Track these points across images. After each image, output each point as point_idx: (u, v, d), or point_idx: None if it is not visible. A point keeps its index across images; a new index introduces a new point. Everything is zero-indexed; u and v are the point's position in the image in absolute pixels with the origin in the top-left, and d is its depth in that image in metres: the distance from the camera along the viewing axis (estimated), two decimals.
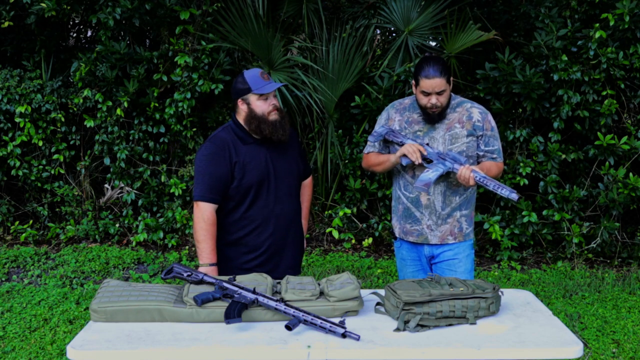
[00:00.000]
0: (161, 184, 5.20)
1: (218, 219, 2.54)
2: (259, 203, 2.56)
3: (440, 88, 2.56)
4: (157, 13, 4.86)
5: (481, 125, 2.66)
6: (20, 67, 5.25)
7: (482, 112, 2.70)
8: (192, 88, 4.90)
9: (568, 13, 4.89)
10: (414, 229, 2.74)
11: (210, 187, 2.50)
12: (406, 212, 2.75)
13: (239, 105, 2.56)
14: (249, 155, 2.55)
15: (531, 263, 5.07)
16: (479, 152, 2.69)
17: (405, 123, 2.72)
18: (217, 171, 2.51)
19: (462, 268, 2.72)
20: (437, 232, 2.70)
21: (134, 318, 2.04)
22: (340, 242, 5.34)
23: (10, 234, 5.36)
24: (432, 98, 2.58)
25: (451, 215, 2.69)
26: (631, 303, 4.33)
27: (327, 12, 5.27)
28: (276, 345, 1.88)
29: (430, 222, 2.70)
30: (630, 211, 5.16)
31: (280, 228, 2.62)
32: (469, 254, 2.76)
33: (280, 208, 2.61)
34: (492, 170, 2.67)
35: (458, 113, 2.68)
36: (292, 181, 2.70)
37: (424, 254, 2.77)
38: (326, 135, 5.16)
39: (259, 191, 2.56)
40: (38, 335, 3.78)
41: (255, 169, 2.54)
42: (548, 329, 2.05)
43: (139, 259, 4.94)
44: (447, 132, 2.65)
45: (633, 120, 5.00)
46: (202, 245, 2.50)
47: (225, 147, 2.53)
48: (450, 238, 2.71)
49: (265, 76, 2.54)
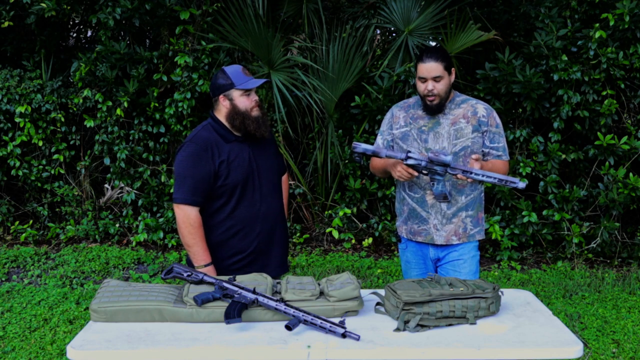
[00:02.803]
0: (161, 184, 5.20)
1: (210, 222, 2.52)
2: (246, 202, 2.53)
3: (436, 73, 2.56)
4: (157, 13, 4.86)
5: (486, 121, 2.65)
6: (20, 67, 5.26)
7: (487, 108, 2.70)
8: (192, 88, 4.90)
9: (568, 13, 4.89)
10: (422, 228, 2.73)
11: (193, 190, 2.45)
12: (412, 213, 2.75)
13: (220, 101, 2.52)
14: (232, 153, 2.50)
15: (531, 263, 5.07)
16: (483, 149, 2.67)
17: (410, 119, 2.72)
18: (199, 172, 2.44)
19: (466, 269, 2.71)
20: (443, 231, 2.69)
21: (134, 318, 2.04)
22: (340, 242, 5.34)
23: (10, 234, 5.36)
24: (428, 84, 2.58)
25: (456, 215, 2.68)
26: (631, 303, 4.33)
27: (327, 12, 5.27)
28: (276, 345, 1.88)
29: (436, 222, 2.69)
30: (630, 211, 5.16)
31: (267, 227, 2.59)
32: (474, 255, 2.74)
33: (266, 206, 2.58)
34: (498, 166, 2.65)
35: (463, 109, 2.67)
36: (275, 178, 2.67)
37: (429, 256, 2.77)
38: (326, 135, 5.16)
39: (245, 189, 2.52)
40: (38, 335, 3.78)
41: (240, 167, 2.51)
42: (548, 329, 2.05)
43: (139, 259, 4.94)
44: (452, 126, 2.64)
45: (633, 120, 5.00)
46: (194, 248, 2.47)
47: (208, 146, 2.47)
48: (455, 238, 2.70)
49: (246, 72, 2.52)
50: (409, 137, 2.70)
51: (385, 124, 2.82)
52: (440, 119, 2.67)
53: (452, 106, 2.68)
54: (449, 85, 2.64)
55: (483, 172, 2.39)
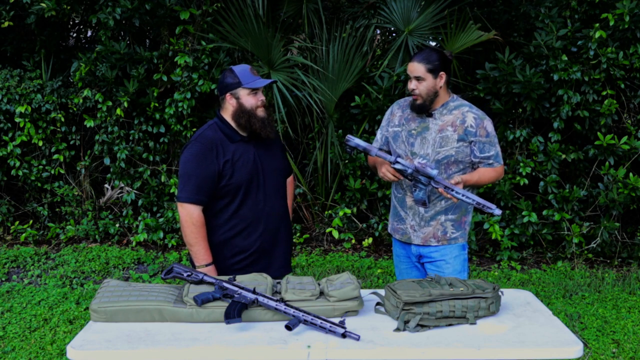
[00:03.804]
0: (161, 184, 5.20)
1: (205, 220, 2.51)
2: (249, 202, 2.53)
3: (417, 73, 2.58)
4: (157, 13, 4.86)
5: (474, 131, 2.60)
6: (20, 67, 5.25)
7: (477, 117, 2.62)
8: (192, 88, 4.90)
9: (568, 13, 4.89)
10: (400, 227, 2.80)
11: (197, 189, 2.45)
12: (394, 211, 2.83)
13: (227, 100, 2.52)
14: (237, 153, 2.51)
15: (531, 263, 5.07)
16: (474, 159, 2.65)
17: (404, 120, 2.74)
18: (204, 172, 2.45)
19: (450, 269, 2.70)
20: (420, 233, 2.72)
21: (134, 318, 2.04)
22: (340, 242, 5.34)
23: (10, 234, 5.36)
24: (411, 82, 2.62)
25: (434, 218, 2.68)
26: (631, 303, 4.33)
27: (327, 12, 5.27)
28: (276, 345, 1.88)
29: (413, 223, 2.72)
30: (630, 211, 5.16)
31: (271, 227, 2.59)
32: (458, 255, 2.73)
33: (270, 206, 2.58)
34: (487, 175, 2.65)
35: (454, 115, 2.64)
36: (279, 179, 2.67)
37: (412, 252, 2.81)
38: (326, 135, 5.16)
39: (249, 189, 2.52)
40: (38, 335, 3.78)
41: (244, 166, 2.51)
42: (548, 329, 2.05)
43: (139, 259, 4.94)
44: (439, 134, 2.63)
45: (633, 120, 5.00)
46: (195, 248, 2.48)
47: (213, 146, 2.47)
48: (433, 241, 2.71)
49: (254, 72, 2.53)
50: (399, 139, 2.73)
51: (385, 119, 2.86)
52: (430, 123, 2.66)
53: (443, 111, 2.66)
54: (433, 88, 2.60)
55: (464, 192, 2.41)
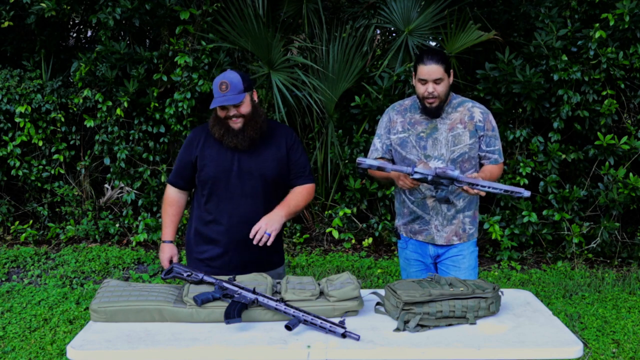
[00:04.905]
0: (161, 184, 5.20)
1: (193, 208, 2.70)
2: (214, 198, 2.61)
3: (437, 76, 2.55)
4: (157, 13, 4.86)
5: (482, 125, 2.66)
6: (20, 67, 5.25)
7: (483, 111, 2.69)
8: (192, 88, 4.90)
9: (568, 13, 4.89)
10: (423, 229, 2.76)
11: (176, 172, 2.69)
12: (413, 215, 2.77)
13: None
14: (214, 150, 2.58)
15: (531, 263, 5.07)
16: (480, 153, 2.69)
17: (408, 124, 2.70)
18: (184, 158, 2.65)
19: (466, 264, 2.73)
20: (443, 232, 2.72)
21: (134, 318, 2.04)
22: (340, 242, 5.34)
23: (10, 234, 5.36)
24: (429, 86, 2.56)
25: (456, 216, 2.72)
26: (631, 303, 4.33)
27: (327, 12, 5.27)
28: (276, 345, 1.88)
29: (437, 223, 2.72)
30: (630, 211, 5.16)
31: (236, 227, 2.57)
32: (473, 250, 2.78)
33: (233, 207, 2.58)
34: (495, 173, 2.67)
35: (460, 112, 2.66)
36: (257, 183, 2.59)
37: (429, 253, 2.79)
38: (326, 135, 5.16)
39: (214, 187, 2.59)
40: (38, 335, 3.78)
41: (214, 164, 2.57)
42: (548, 329, 2.05)
43: (139, 259, 4.94)
44: (450, 132, 2.63)
45: (633, 120, 5.00)
46: (163, 223, 2.72)
47: (199, 137, 2.62)
48: (455, 239, 2.73)
49: (223, 87, 2.46)
50: (408, 144, 2.68)
51: (382, 127, 2.77)
52: (438, 124, 2.65)
53: (449, 109, 2.67)
54: (449, 87, 2.63)
55: (489, 183, 2.41)
